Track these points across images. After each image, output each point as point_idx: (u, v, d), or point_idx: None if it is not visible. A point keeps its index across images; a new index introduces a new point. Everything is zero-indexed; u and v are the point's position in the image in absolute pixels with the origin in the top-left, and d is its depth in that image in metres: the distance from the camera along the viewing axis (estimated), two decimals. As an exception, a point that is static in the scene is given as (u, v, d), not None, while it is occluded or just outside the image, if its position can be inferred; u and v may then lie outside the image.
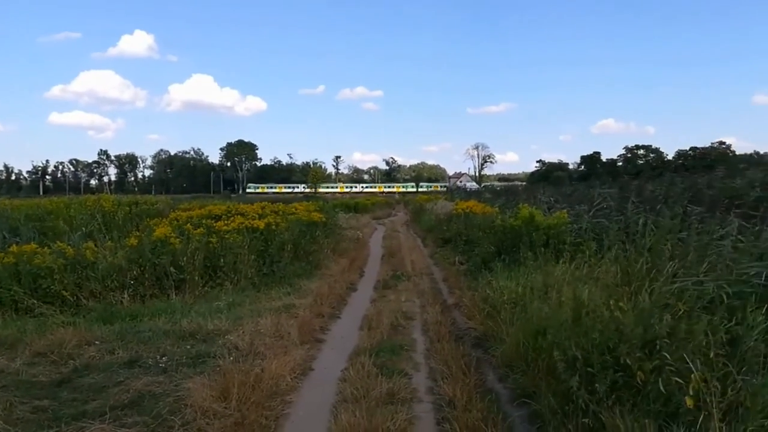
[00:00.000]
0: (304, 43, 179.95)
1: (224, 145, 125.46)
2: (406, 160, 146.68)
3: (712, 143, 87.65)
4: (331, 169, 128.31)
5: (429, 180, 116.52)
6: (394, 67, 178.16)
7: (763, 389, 2.55)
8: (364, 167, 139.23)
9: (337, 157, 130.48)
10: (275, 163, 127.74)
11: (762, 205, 6.58)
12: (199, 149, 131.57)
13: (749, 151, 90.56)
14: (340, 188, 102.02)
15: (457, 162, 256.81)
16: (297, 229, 12.14)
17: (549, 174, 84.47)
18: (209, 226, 10.24)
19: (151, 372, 5.02)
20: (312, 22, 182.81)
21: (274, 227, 11.21)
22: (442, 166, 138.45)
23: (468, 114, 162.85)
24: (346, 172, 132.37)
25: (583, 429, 3.14)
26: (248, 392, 4.42)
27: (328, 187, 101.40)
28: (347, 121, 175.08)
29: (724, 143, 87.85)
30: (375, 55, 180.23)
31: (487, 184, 78.02)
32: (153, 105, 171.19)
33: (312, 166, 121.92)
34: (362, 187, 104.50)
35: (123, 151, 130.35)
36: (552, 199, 14.00)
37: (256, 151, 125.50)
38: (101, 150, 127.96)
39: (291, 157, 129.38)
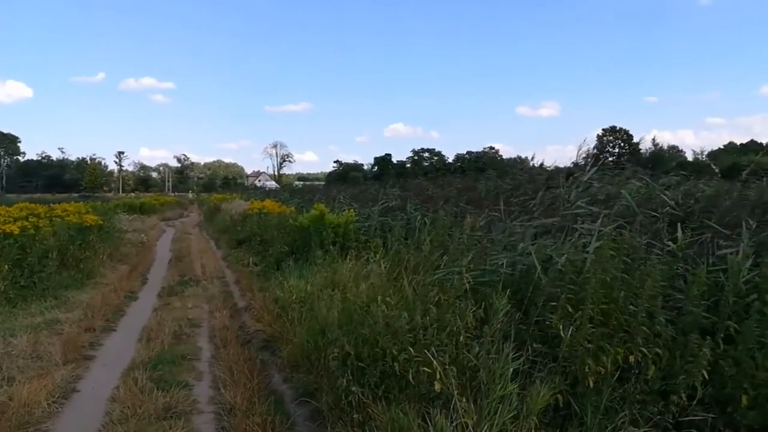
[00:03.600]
0: (77, 22, 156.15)
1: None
2: (200, 157, 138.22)
3: (484, 148, 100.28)
4: (113, 166, 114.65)
5: (225, 179, 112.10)
6: (187, 58, 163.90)
7: (496, 364, 2.93)
8: (153, 164, 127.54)
9: (120, 153, 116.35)
10: (43, 158, 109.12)
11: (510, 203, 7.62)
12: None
13: (513, 155, 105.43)
14: None
15: (255, 160, 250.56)
16: (65, 234, 10.71)
17: (346, 174, 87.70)
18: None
19: None
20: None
21: (33, 232, 9.70)
22: (240, 164, 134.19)
23: (267, 112, 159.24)
24: (131, 169, 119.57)
25: (356, 423, 3.28)
26: (-10, 425, 3.75)
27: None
28: (132, 113, 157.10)
29: (493, 148, 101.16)
30: (165, 44, 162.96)
31: (286, 183, 78.29)
32: None
33: (90, 162, 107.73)
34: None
35: None
36: (343, 197, 14.49)
37: (19, 144, 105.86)
38: None
39: (63, 152, 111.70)
